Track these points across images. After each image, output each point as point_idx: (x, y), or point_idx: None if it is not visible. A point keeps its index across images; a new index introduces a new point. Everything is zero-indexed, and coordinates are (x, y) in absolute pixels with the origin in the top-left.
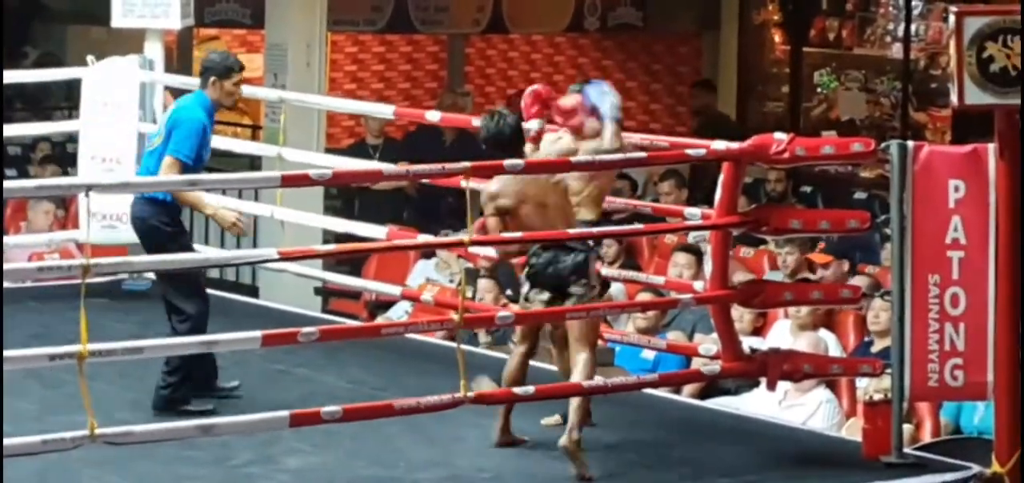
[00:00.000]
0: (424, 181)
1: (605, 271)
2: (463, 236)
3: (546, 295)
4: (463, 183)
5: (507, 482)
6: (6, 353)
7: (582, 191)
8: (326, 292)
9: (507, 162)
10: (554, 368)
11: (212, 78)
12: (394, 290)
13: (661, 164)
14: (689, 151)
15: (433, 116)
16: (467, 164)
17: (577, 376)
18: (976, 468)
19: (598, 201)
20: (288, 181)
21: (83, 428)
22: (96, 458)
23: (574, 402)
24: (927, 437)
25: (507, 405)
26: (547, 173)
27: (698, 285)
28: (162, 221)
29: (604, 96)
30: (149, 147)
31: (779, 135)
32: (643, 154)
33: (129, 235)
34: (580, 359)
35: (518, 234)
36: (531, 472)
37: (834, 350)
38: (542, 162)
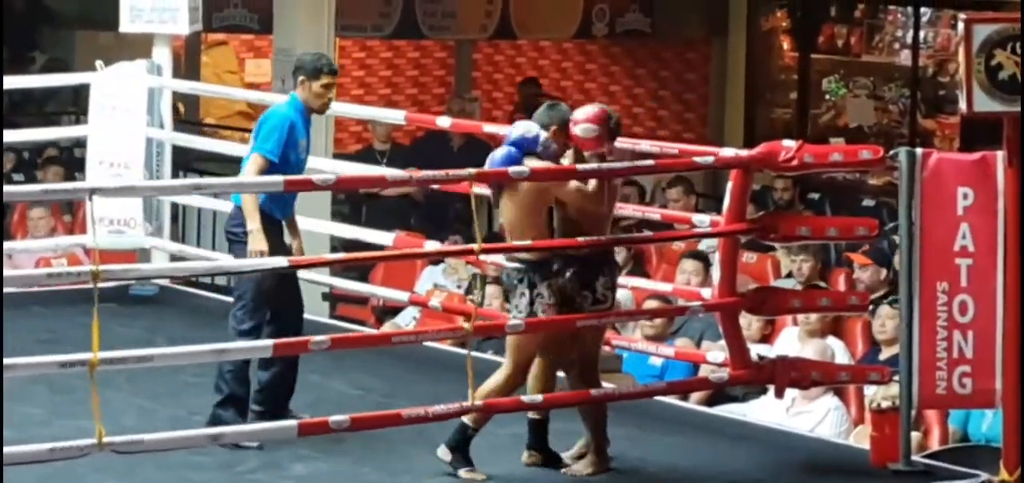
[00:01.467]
0: (432, 187)
1: None
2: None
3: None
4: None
5: None
6: (18, 360)
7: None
8: (334, 298)
9: (512, 170)
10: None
11: (301, 78)
12: (402, 296)
13: (669, 171)
14: (697, 158)
15: (444, 121)
16: (472, 171)
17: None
18: (984, 476)
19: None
20: (291, 186)
21: (90, 433)
22: (102, 463)
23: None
24: (935, 445)
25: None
26: (555, 181)
27: (706, 292)
28: (239, 228)
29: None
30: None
31: (787, 142)
32: (651, 161)
33: (136, 240)
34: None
35: (527, 242)
36: (533, 480)
37: (842, 357)
38: (549, 170)
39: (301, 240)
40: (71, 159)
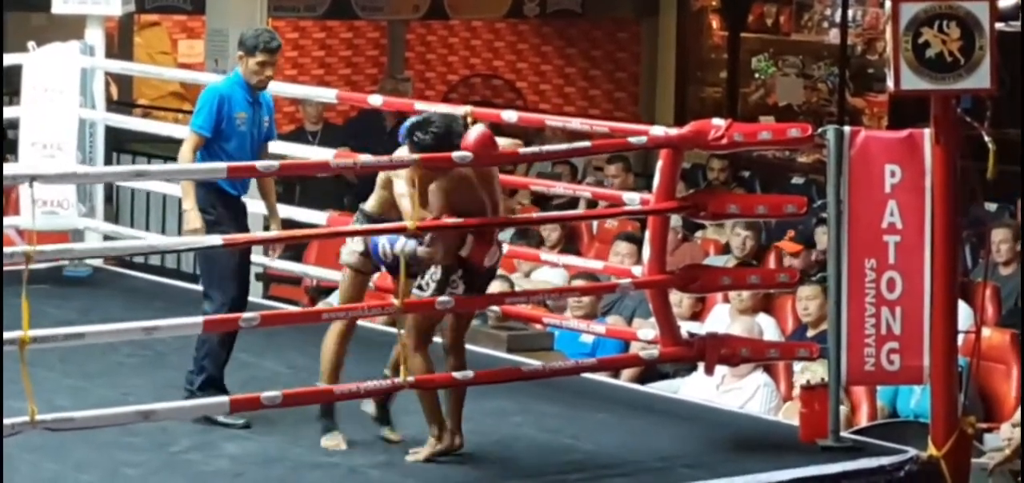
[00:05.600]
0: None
1: (545, 256)
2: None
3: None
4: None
5: (444, 468)
6: None
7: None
8: (267, 278)
9: (456, 155)
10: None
11: (239, 53)
12: (335, 275)
13: (602, 152)
14: (631, 138)
15: (375, 100)
16: (416, 157)
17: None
18: (912, 451)
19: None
20: (234, 172)
21: (23, 414)
22: (35, 444)
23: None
24: (863, 421)
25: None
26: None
27: (638, 272)
28: (201, 207)
29: None
30: None
31: (717, 121)
32: (587, 143)
33: (70, 221)
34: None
35: (457, 220)
36: (465, 457)
37: (772, 334)
38: (494, 155)
39: (278, 218)
40: (3, 140)
